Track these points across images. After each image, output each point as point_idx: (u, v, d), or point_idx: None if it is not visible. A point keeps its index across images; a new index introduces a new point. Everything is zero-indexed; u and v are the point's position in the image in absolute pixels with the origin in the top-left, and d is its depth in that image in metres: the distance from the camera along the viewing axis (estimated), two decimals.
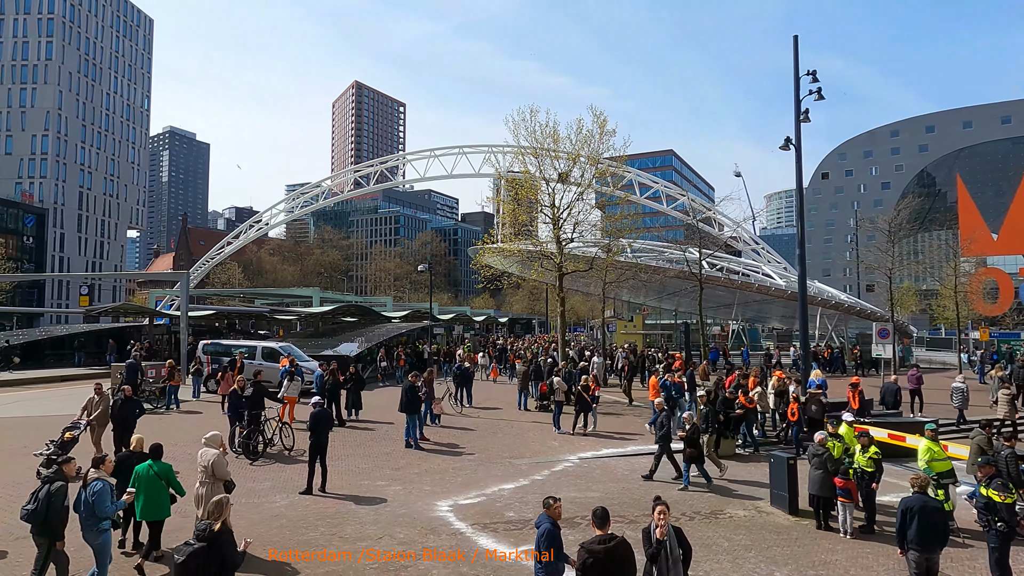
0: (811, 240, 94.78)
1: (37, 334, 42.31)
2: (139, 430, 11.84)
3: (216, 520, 6.28)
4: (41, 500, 7.66)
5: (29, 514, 7.70)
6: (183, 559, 5.93)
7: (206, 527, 6.19)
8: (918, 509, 7.90)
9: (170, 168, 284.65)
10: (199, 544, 6.03)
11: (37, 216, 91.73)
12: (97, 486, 7.81)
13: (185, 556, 5.93)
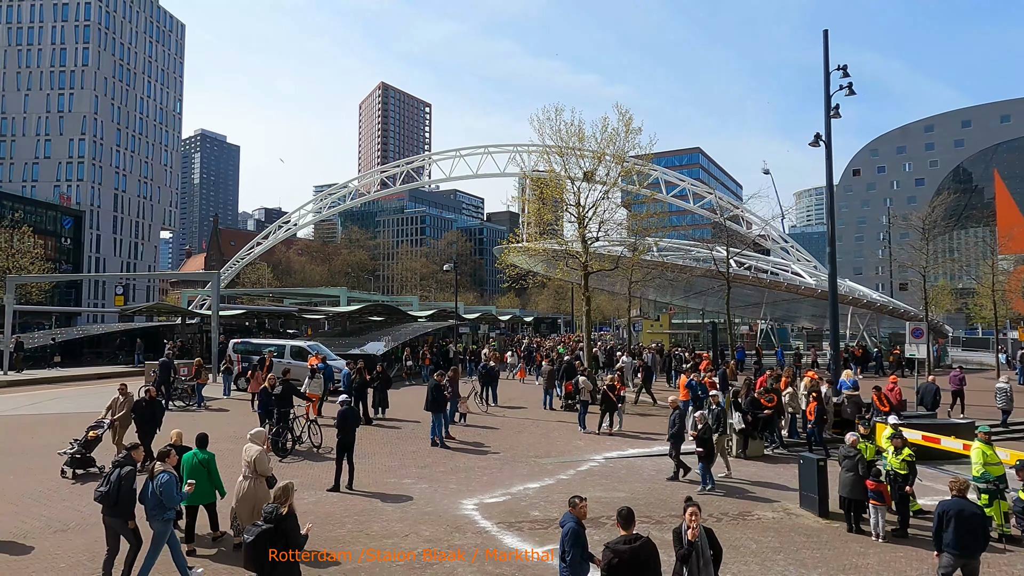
0: (842, 238, 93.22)
1: (75, 333, 43.44)
2: (169, 426, 12.10)
3: (283, 504, 6.75)
4: (112, 483, 8.18)
5: (102, 495, 8.23)
6: (252, 539, 6.42)
7: (273, 510, 6.62)
8: (955, 513, 7.73)
9: (201, 170, 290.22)
10: (267, 526, 6.48)
11: (74, 218, 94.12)
12: (164, 477, 8.24)
13: (254, 536, 6.42)
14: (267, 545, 6.36)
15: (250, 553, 6.41)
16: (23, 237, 65.33)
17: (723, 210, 46.80)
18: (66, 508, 11.46)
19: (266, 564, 6.34)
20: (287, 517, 6.66)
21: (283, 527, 6.53)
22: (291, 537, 6.55)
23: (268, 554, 6.33)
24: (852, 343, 40.75)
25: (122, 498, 8.17)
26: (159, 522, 8.21)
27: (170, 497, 8.17)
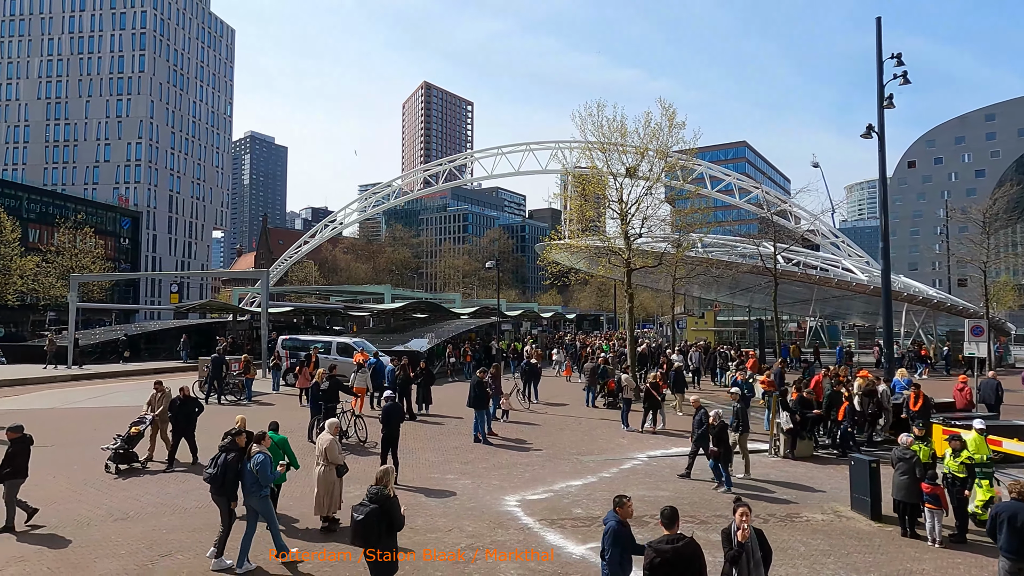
0: (896, 232, 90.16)
1: (133, 329, 45.17)
2: (218, 419, 12.51)
3: (386, 486, 7.39)
4: (219, 466, 8.97)
5: (211, 477, 9.02)
6: (361, 517, 7.02)
7: (378, 491, 7.24)
8: (1008, 516, 7.40)
9: (251, 171, 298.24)
10: (373, 505, 7.07)
11: (132, 219, 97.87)
12: (259, 458, 8.95)
13: (363, 515, 7.02)
14: (374, 523, 6.95)
15: (359, 530, 6.98)
16: (85, 238, 68.35)
17: (770, 205, 45.61)
18: (126, 498, 11.94)
19: (372, 540, 6.95)
20: (390, 497, 7.26)
21: (387, 507, 7.13)
22: (394, 516, 7.17)
23: (375, 531, 6.94)
24: (907, 341, 39.39)
25: (227, 480, 8.91)
26: (257, 499, 8.91)
27: (265, 476, 8.89)
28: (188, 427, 14.11)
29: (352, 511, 7.15)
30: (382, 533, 7.00)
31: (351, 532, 7.18)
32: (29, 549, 9.38)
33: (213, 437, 16.68)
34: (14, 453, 10.25)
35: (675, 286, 37.01)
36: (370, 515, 6.95)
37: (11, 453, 10.24)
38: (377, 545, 6.95)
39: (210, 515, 10.97)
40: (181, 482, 12.95)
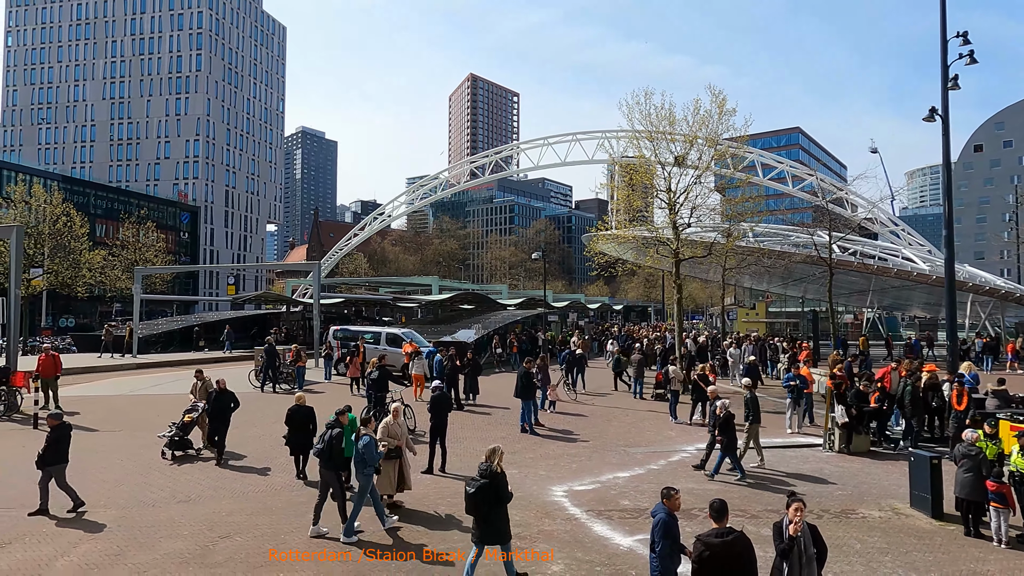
0: (961, 220, 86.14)
1: (193, 320, 46.91)
2: (273, 406, 12.90)
3: (495, 463, 8.03)
4: (326, 442, 9.80)
5: (319, 451, 9.89)
6: (473, 491, 7.81)
7: (487, 467, 7.96)
8: None
9: (302, 165, 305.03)
10: (483, 480, 7.82)
11: (191, 213, 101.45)
12: (365, 440, 9.71)
13: (475, 488, 7.81)
14: (485, 495, 7.76)
15: (471, 501, 7.83)
16: (148, 232, 71.25)
17: (825, 192, 44.13)
18: (187, 482, 12.46)
19: (482, 511, 7.81)
20: (498, 473, 7.96)
21: (496, 481, 7.88)
22: (502, 490, 7.93)
23: (485, 502, 7.78)
24: (971, 333, 37.68)
25: (333, 454, 9.73)
26: (362, 476, 9.67)
27: (371, 456, 9.67)
28: (220, 421, 13.80)
29: (466, 485, 8.00)
30: (492, 503, 7.79)
31: (465, 503, 8.02)
32: (100, 528, 9.89)
33: (267, 423, 17.27)
34: (56, 439, 10.53)
35: (725, 276, 36.20)
36: (481, 488, 7.77)
37: (53, 440, 10.52)
38: (488, 514, 7.78)
39: (266, 499, 11.38)
40: (238, 467, 13.42)
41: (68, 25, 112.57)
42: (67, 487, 10.59)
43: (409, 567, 8.69)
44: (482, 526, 7.86)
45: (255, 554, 8.99)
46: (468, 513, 8.06)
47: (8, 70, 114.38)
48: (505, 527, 7.94)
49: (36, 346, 39.31)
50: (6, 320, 20.89)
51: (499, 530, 7.88)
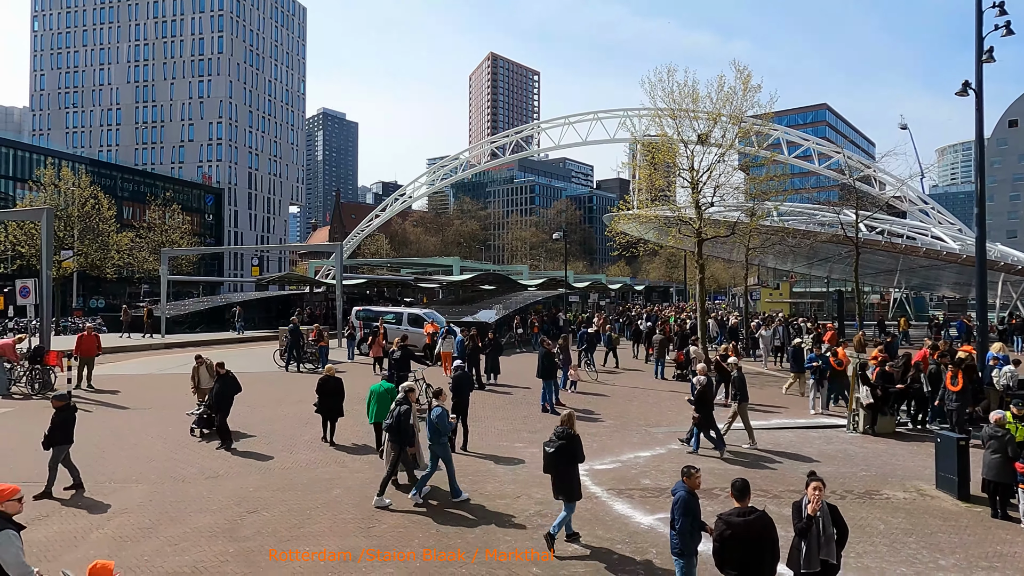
0: (994, 197, 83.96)
1: (219, 301, 47.68)
2: (297, 384, 13.09)
3: (571, 426, 8.96)
4: (395, 417, 10.33)
5: (388, 426, 10.46)
6: (552, 451, 8.69)
7: (564, 431, 8.84)
8: None
9: (324, 147, 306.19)
10: (561, 441, 8.71)
11: (215, 196, 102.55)
12: (438, 411, 10.39)
13: (554, 448, 8.68)
14: (563, 455, 8.65)
15: (550, 460, 8.75)
16: (174, 214, 72.29)
17: (852, 170, 43.27)
18: (215, 458, 12.75)
19: (561, 470, 8.69)
20: (574, 436, 8.85)
21: (572, 443, 8.77)
22: (577, 451, 8.86)
23: (562, 461, 8.65)
24: (1003, 314, 36.94)
25: (402, 428, 10.25)
26: (438, 445, 10.29)
27: (444, 426, 10.31)
28: (220, 406, 13.44)
29: (544, 446, 8.91)
30: (567, 463, 8.70)
31: (544, 463, 8.89)
32: (132, 502, 10.18)
33: (292, 402, 17.56)
34: (62, 421, 10.48)
35: (748, 256, 35.77)
36: (558, 449, 8.66)
37: (58, 421, 10.45)
38: (563, 472, 8.69)
39: (291, 476, 11.60)
40: (265, 445, 13.68)
41: (92, 8, 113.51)
42: (72, 466, 10.60)
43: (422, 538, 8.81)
44: (556, 483, 8.74)
45: (282, 528, 9.19)
46: (545, 471, 8.93)
47: (35, 55, 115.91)
48: (576, 486, 8.75)
49: (68, 326, 40.29)
50: (39, 300, 21.40)
51: (570, 488, 8.68)
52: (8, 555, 5.19)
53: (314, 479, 11.44)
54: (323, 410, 13.63)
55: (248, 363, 25.89)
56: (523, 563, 8.20)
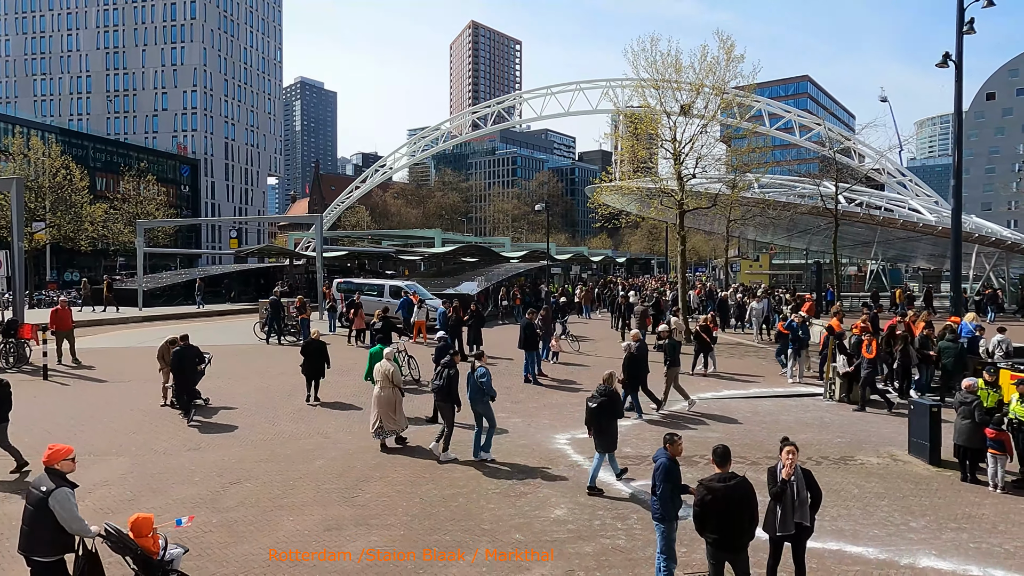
0: (970, 170, 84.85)
1: (196, 273, 47.04)
2: (278, 357, 12.97)
3: (611, 384, 9.96)
4: (445, 378, 11.10)
5: (438, 388, 11.21)
6: (595, 406, 9.62)
7: (605, 388, 9.81)
8: None
9: (302, 117, 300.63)
10: (603, 397, 9.65)
11: (191, 166, 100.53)
12: (481, 371, 11.05)
13: (597, 404, 9.62)
14: (605, 411, 9.60)
15: (592, 415, 9.64)
16: (148, 185, 70.78)
17: (832, 142, 43.51)
18: (197, 430, 12.69)
19: (603, 424, 9.62)
20: (615, 393, 9.92)
21: (613, 399, 9.79)
22: (618, 407, 10.04)
23: (604, 415, 9.59)
24: (976, 285, 37.66)
25: (451, 389, 11.03)
26: (481, 404, 10.98)
27: (488, 385, 11.00)
28: (182, 377, 13.29)
29: (588, 401, 9.82)
30: (608, 417, 9.68)
31: (586, 415, 9.82)
32: (114, 474, 10.11)
33: (274, 375, 17.49)
34: None
35: (729, 228, 36.03)
36: (601, 403, 9.61)
37: None
38: (605, 426, 9.63)
39: (274, 447, 11.60)
40: (247, 416, 13.64)
41: None
42: (9, 446, 10.01)
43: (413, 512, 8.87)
44: (596, 435, 9.66)
45: (265, 498, 9.21)
46: (587, 424, 9.91)
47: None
48: (614, 438, 9.79)
49: (43, 299, 39.57)
50: (11, 273, 20.93)
51: (610, 439, 9.68)
52: (67, 511, 5.52)
53: (297, 450, 11.44)
54: (307, 371, 14.49)
55: (228, 336, 25.68)
56: (505, 529, 8.31)
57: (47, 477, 5.69)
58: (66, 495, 5.58)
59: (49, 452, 5.83)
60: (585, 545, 7.91)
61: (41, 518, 5.52)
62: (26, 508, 5.67)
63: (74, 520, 5.57)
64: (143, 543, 5.95)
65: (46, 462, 5.81)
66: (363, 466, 10.64)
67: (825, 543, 7.85)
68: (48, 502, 5.49)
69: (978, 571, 7.35)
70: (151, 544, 6.00)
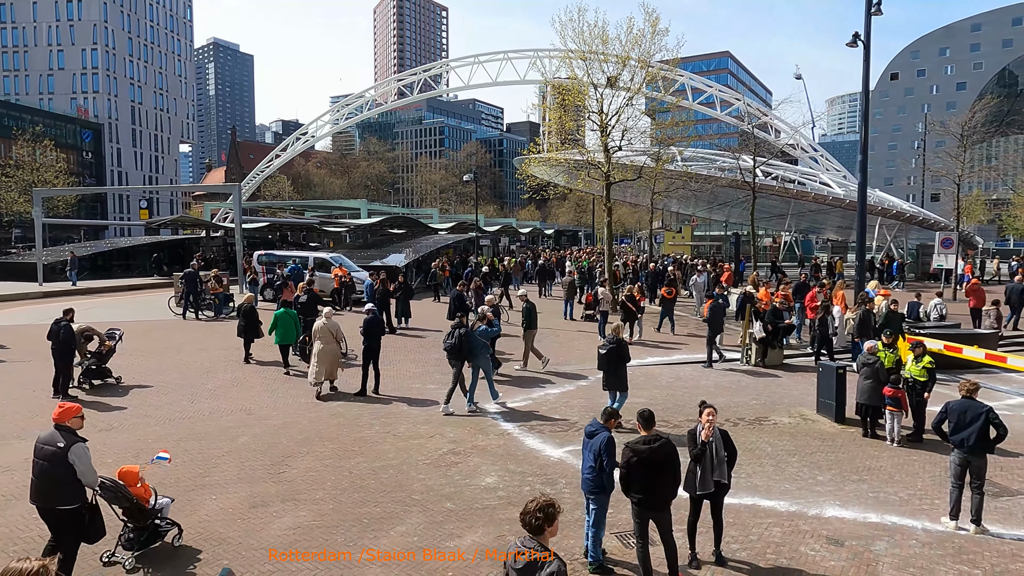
0: (875, 147, 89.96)
1: (104, 246, 44.27)
2: (196, 334, 12.36)
3: (618, 333, 11.59)
4: (455, 338, 12.16)
5: (450, 347, 12.21)
6: (605, 352, 11.29)
7: (613, 337, 11.45)
8: (958, 412, 7.78)
9: (216, 81, 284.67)
10: (612, 345, 11.32)
11: (94, 131, 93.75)
12: (482, 328, 12.78)
13: (607, 351, 11.32)
14: (613, 356, 11.29)
15: (603, 360, 11.38)
16: (45, 151, 65.53)
17: (751, 117, 45.05)
18: (110, 410, 12.04)
19: (612, 366, 11.31)
20: (621, 341, 11.50)
21: (620, 347, 11.43)
22: (624, 352, 11.50)
23: (613, 361, 11.25)
24: (878, 255, 40.17)
25: (463, 347, 12.15)
26: (482, 358, 12.38)
27: (489, 336, 12.97)
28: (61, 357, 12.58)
29: (599, 348, 11.57)
30: (616, 361, 11.35)
31: (598, 360, 11.53)
32: (16, 459, 9.48)
33: (192, 350, 16.79)
34: None
35: (654, 200, 36.85)
36: (610, 351, 11.29)
37: None
38: (614, 369, 11.32)
39: (193, 425, 11.17)
40: (164, 395, 13.05)
41: None
42: None
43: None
44: (608, 377, 11.40)
45: (185, 477, 8.87)
46: (599, 368, 11.61)
47: None
48: (624, 380, 11.44)
49: None
50: None
51: (620, 381, 11.37)
52: (84, 464, 6.04)
53: (219, 428, 11.06)
54: (243, 333, 15.81)
55: (140, 311, 24.43)
56: (436, 499, 8.34)
57: (59, 434, 6.09)
58: (83, 449, 6.08)
59: (60, 410, 6.24)
60: (515, 511, 7.97)
61: (60, 471, 5.96)
62: (38, 463, 6.05)
63: (90, 472, 6.08)
64: (136, 492, 6.65)
65: (57, 419, 6.19)
66: (289, 442, 10.40)
67: (741, 499, 8.30)
68: (67, 456, 5.96)
69: (876, 518, 7.96)
70: (144, 493, 6.75)
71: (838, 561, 6.91)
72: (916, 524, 7.82)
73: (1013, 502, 8.53)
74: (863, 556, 7.03)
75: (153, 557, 6.80)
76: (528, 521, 4.16)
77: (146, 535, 6.72)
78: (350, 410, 12.14)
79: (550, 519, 4.15)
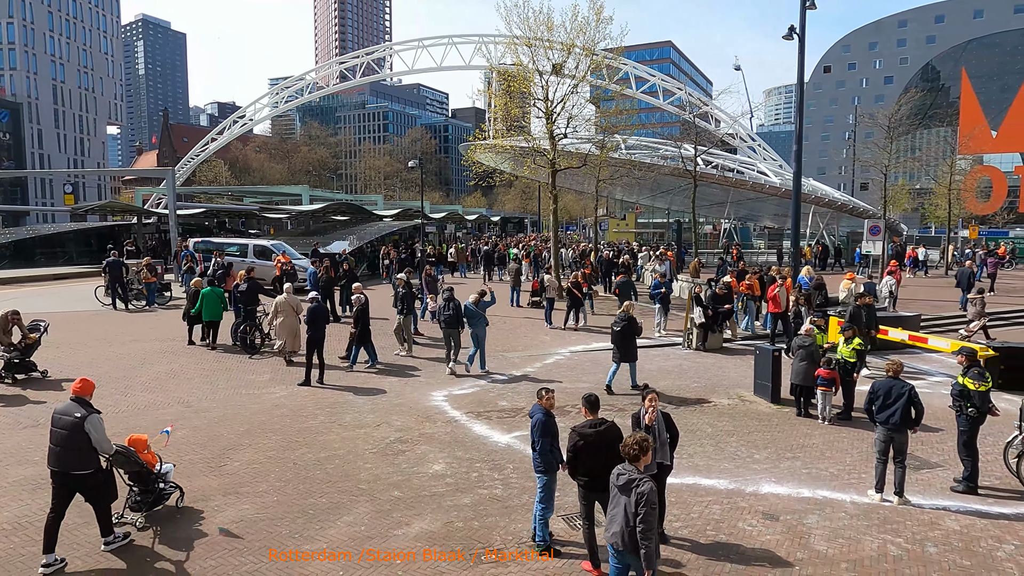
0: (808, 137, 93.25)
1: (25, 232, 41.86)
2: (125, 325, 11.82)
3: (629, 311, 12.86)
4: (453, 308, 13.73)
5: (448, 317, 13.76)
6: (619, 328, 12.60)
7: (624, 314, 12.77)
8: (884, 391, 8.22)
9: (146, 60, 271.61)
10: (624, 322, 12.60)
11: (11, 111, 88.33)
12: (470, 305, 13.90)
13: (620, 327, 12.60)
14: (625, 332, 12.57)
15: (617, 335, 12.62)
16: None
17: (692, 107, 46.08)
18: (34, 405, 11.48)
19: (626, 341, 12.63)
20: (633, 318, 12.75)
21: (631, 323, 12.65)
22: (635, 328, 12.75)
23: (626, 335, 12.58)
24: (811, 242, 41.75)
25: (459, 316, 13.64)
26: (480, 327, 13.91)
27: (485, 306, 14.18)
28: None
29: (612, 324, 12.86)
30: (628, 336, 12.60)
31: (611, 335, 12.91)
32: None
33: (123, 342, 16.14)
34: None
35: (598, 188, 37.23)
36: (624, 327, 12.56)
37: None
38: (627, 343, 12.64)
39: (127, 420, 10.75)
40: (96, 387, 12.46)
41: None
42: None
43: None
44: (620, 350, 12.65)
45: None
46: (612, 343, 12.89)
47: None
48: (635, 351, 12.86)
49: None
50: None
51: (631, 352, 12.75)
52: (99, 433, 6.60)
53: (155, 421, 10.66)
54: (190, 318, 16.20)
55: (67, 301, 23.27)
56: (383, 487, 8.29)
57: (77, 405, 6.70)
58: (99, 419, 6.68)
59: (80, 384, 6.88)
60: (463, 497, 8.08)
61: (77, 439, 6.50)
62: (55, 432, 6.56)
63: (104, 440, 6.67)
64: (144, 458, 7.34)
65: (78, 391, 6.83)
66: (231, 434, 10.14)
67: (683, 478, 8.55)
68: (84, 425, 6.50)
69: (809, 492, 8.34)
70: (151, 459, 7.47)
71: (773, 535, 7.22)
72: (845, 497, 8.23)
73: (932, 474, 9.08)
74: (796, 529, 7.36)
75: (159, 517, 7.47)
76: (628, 452, 5.41)
77: (152, 497, 7.39)
78: (294, 400, 11.92)
79: (644, 450, 5.40)
